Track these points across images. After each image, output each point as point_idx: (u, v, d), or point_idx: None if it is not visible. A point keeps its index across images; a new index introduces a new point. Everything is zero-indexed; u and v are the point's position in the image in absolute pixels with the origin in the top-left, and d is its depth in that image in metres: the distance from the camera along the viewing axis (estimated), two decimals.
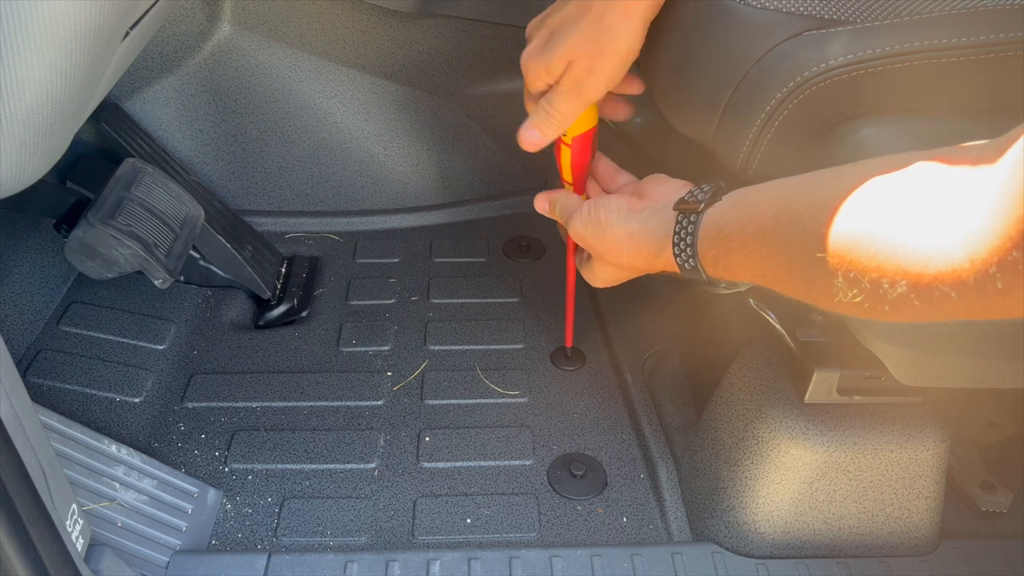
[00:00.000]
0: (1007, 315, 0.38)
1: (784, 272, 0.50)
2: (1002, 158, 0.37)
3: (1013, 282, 0.35)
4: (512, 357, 1.11)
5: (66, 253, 0.97)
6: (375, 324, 1.16)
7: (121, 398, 1.01)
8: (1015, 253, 0.34)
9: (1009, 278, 0.35)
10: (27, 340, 1.07)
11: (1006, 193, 0.35)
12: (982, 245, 0.36)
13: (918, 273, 0.40)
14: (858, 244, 0.43)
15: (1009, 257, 0.35)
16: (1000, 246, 0.35)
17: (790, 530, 0.84)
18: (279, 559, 0.84)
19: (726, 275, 0.58)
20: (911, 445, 0.81)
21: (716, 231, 0.57)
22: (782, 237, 0.50)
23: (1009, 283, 0.35)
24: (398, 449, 0.98)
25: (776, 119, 0.65)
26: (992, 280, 0.36)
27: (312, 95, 1.27)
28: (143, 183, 1.05)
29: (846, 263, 0.44)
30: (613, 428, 1.01)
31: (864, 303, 0.44)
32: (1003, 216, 0.35)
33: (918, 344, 0.64)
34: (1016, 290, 0.35)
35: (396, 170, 1.34)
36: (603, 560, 0.84)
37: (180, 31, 1.19)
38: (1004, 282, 0.36)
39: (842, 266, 0.44)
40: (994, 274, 0.36)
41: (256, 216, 1.31)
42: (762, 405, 0.83)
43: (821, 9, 0.64)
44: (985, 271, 0.36)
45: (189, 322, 1.14)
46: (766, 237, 0.51)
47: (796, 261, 0.49)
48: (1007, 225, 0.35)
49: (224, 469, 0.95)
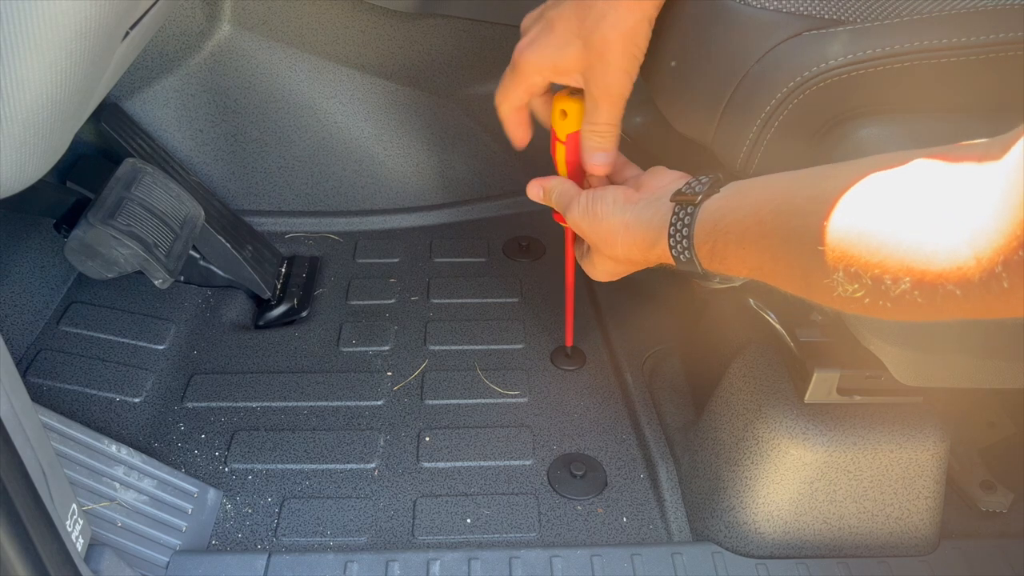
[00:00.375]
0: (1011, 314, 0.37)
1: (783, 266, 0.50)
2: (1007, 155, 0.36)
3: (1019, 281, 0.35)
4: (512, 357, 1.11)
5: (66, 253, 0.97)
6: (375, 324, 1.16)
7: (121, 398, 1.01)
8: (1021, 252, 0.34)
9: (1015, 277, 0.35)
10: (27, 340, 1.07)
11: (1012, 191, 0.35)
12: (988, 243, 0.36)
13: (922, 270, 0.39)
14: (861, 239, 0.43)
15: (1016, 256, 0.35)
16: (1007, 244, 0.35)
17: (790, 530, 0.84)
18: (279, 559, 0.84)
19: (722, 268, 0.57)
20: (911, 445, 0.81)
21: (713, 223, 0.56)
22: (782, 231, 0.49)
23: (1015, 282, 0.35)
24: (398, 449, 0.98)
25: (776, 119, 0.65)
26: (998, 279, 0.36)
27: (312, 95, 1.27)
28: (143, 183, 1.05)
29: (847, 258, 0.43)
30: (613, 428, 1.01)
31: (865, 299, 0.43)
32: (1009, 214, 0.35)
33: (918, 344, 0.64)
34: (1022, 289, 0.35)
35: (396, 170, 1.34)
36: (603, 560, 0.84)
37: (180, 31, 1.19)
38: (1010, 281, 0.35)
39: (843, 261, 0.44)
40: (1000, 273, 0.36)
41: (256, 216, 1.31)
42: (762, 405, 0.83)
43: (821, 9, 0.64)
44: (991, 270, 0.36)
45: (189, 322, 1.14)
46: (765, 230, 0.51)
47: (796, 255, 0.48)
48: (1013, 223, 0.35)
49: (224, 469, 0.95)
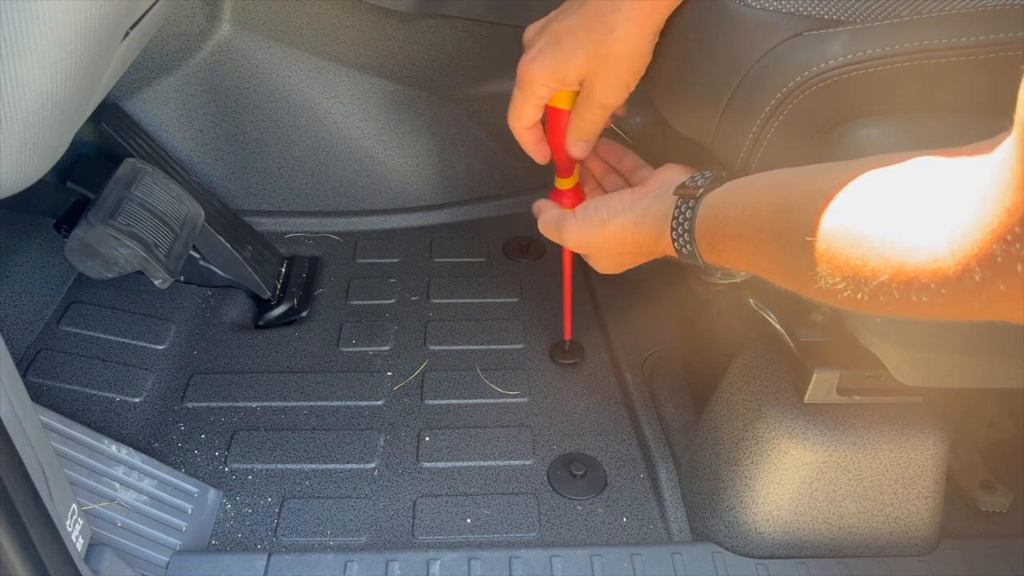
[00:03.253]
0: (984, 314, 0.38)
1: (776, 260, 0.51)
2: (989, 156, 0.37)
3: (991, 276, 0.36)
4: (512, 357, 1.11)
5: (66, 253, 0.97)
6: (375, 324, 1.16)
7: (121, 398, 1.01)
8: (996, 247, 0.35)
9: (987, 272, 0.36)
10: (27, 340, 1.07)
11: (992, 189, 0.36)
12: (965, 239, 0.37)
13: (900, 264, 0.40)
14: (847, 232, 0.44)
15: (990, 250, 0.35)
16: (982, 240, 0.36)
17: (790, 530, 0.84)
18: (279, 559, 0.84)
19: (720, 261, 0.59)
20: (911, 445, 0.81)
21: (713, 217, 0.58)
22: (777, 224, 0.50)
23: (987, 276, 0.36)
24: (398, 449, 0.98)
25: (776, 119, 0.65)
26: (971, 274, 0.37)
27: (312, 95, 1.27)
28: (143, 183, 1.05)
29: (832, 250, 0.45)
30: (613, 428, 1.01)
31: (845, 291, 0.44)
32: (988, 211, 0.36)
33: (918, 344, 0.64)
34: (993, 284, 0.36)
35: (396, 170, 1.34)
36: (603, 560, 0.84)
37: (180, 31, 1.19)
38: (982, 275, 0.36)
39: (828, 253, 0.45)
40: (974, 268, 0.36)
41: (256, 216, 1.31)
42: (762, 405, 0.83)
43: (821, 9, 0.64)
44: (966, 265, 0.37)
45: (189, 322, 1.14)
46: (762, 224, 0.52)
47: (787, 248, 0.49)
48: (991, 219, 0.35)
49: (224, 469, 0.95)
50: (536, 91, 0.74)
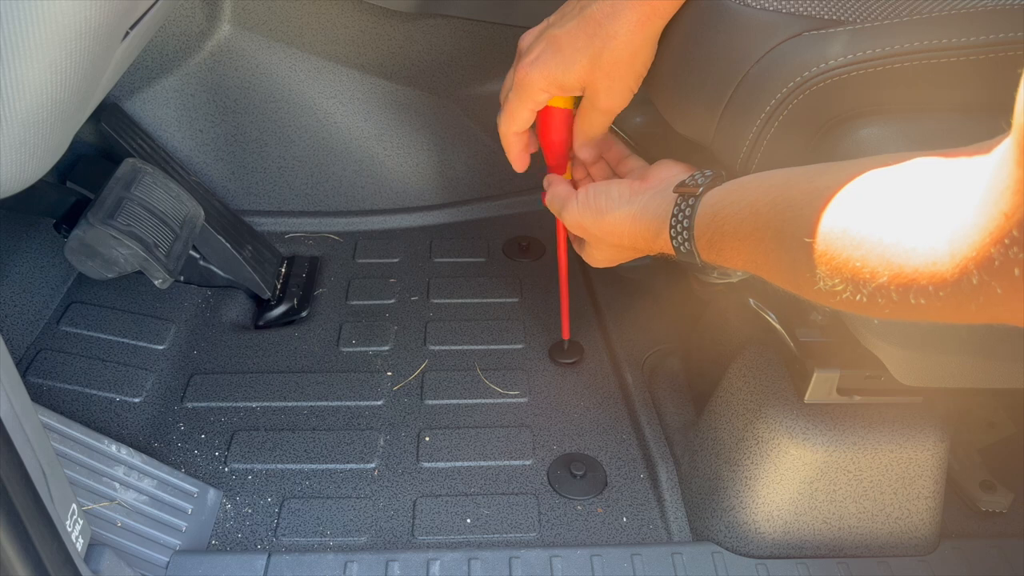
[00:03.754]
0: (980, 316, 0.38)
1: (774, 259, 0.51)
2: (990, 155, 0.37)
3: (988, 280, 0.36)
4: (512, 357, 1.11)
5: (66, 253, 0.97)
6: (375, 324, 1.16)
7: (121, 398, 1.01)
8: (994, 249, 0.35)
9: (985, 275, 0.36)
10: (27, 340, 1.07)
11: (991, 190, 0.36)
12: (964, 242, 0.37)
13: (899, 265, 0.40)
14: (846, 233, 0.44)
15: (988, 253, 0.35)
16: (981, 242, 0.36)
17: (790, 530, 0.84)
18: (279, 559, 0.84)
19: (718, 260, 0.59)
20: (911, 445, 0.81)
21: (712, 215, 0.58)
22: (776, 223, 0.50)
23: (984, 280, 0.36)
24: (398, 449, 0.98)
25: (776, 119, 0.65)
26: (968, 276, 0.37)
27: (312, 95, 1.27)
28: (143, 183, 1.05)
29: (831, 252, 0.44)
30: (613, 428, 1.01)
31: (844, 293, 0.44)
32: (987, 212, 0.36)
33: (918, 344, 0.64)
34: (990, 288, 0.36)
35: (396, 170, 1.34)
36: (603, 560, 0.84)
37: (180, 31, 1.19)
38: (979, 278, 0.36)
39: (827, 255, 0.45)
40: (972, 270, 0.36)
41: (256, 216, 1.31)
42: (762, 405, 0.83)
43: (821, 9, 0.64)
44: (964, 268, 0.37)
45: (189, 322, 1.14)
46: (760, 223, 0.52)
47: (786, 247, 0.49)
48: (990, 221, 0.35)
49: (224, 469, 0.95)
50: (534, 96, 0.75)
